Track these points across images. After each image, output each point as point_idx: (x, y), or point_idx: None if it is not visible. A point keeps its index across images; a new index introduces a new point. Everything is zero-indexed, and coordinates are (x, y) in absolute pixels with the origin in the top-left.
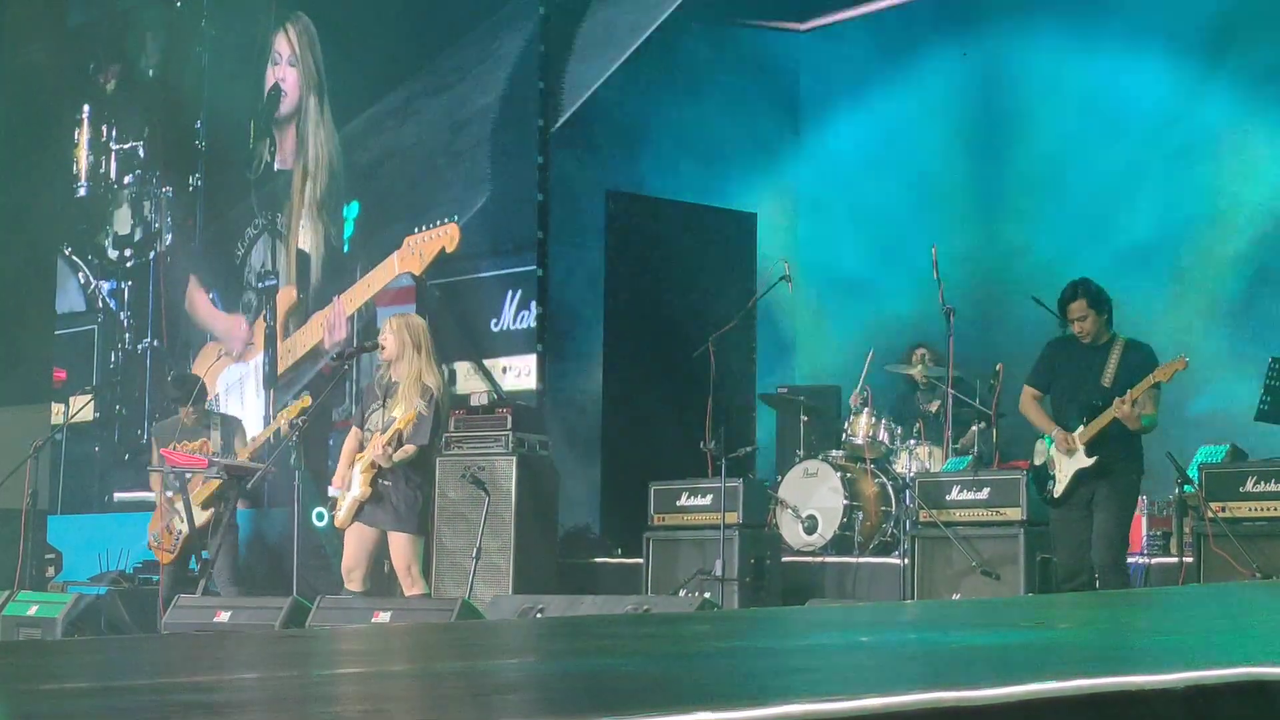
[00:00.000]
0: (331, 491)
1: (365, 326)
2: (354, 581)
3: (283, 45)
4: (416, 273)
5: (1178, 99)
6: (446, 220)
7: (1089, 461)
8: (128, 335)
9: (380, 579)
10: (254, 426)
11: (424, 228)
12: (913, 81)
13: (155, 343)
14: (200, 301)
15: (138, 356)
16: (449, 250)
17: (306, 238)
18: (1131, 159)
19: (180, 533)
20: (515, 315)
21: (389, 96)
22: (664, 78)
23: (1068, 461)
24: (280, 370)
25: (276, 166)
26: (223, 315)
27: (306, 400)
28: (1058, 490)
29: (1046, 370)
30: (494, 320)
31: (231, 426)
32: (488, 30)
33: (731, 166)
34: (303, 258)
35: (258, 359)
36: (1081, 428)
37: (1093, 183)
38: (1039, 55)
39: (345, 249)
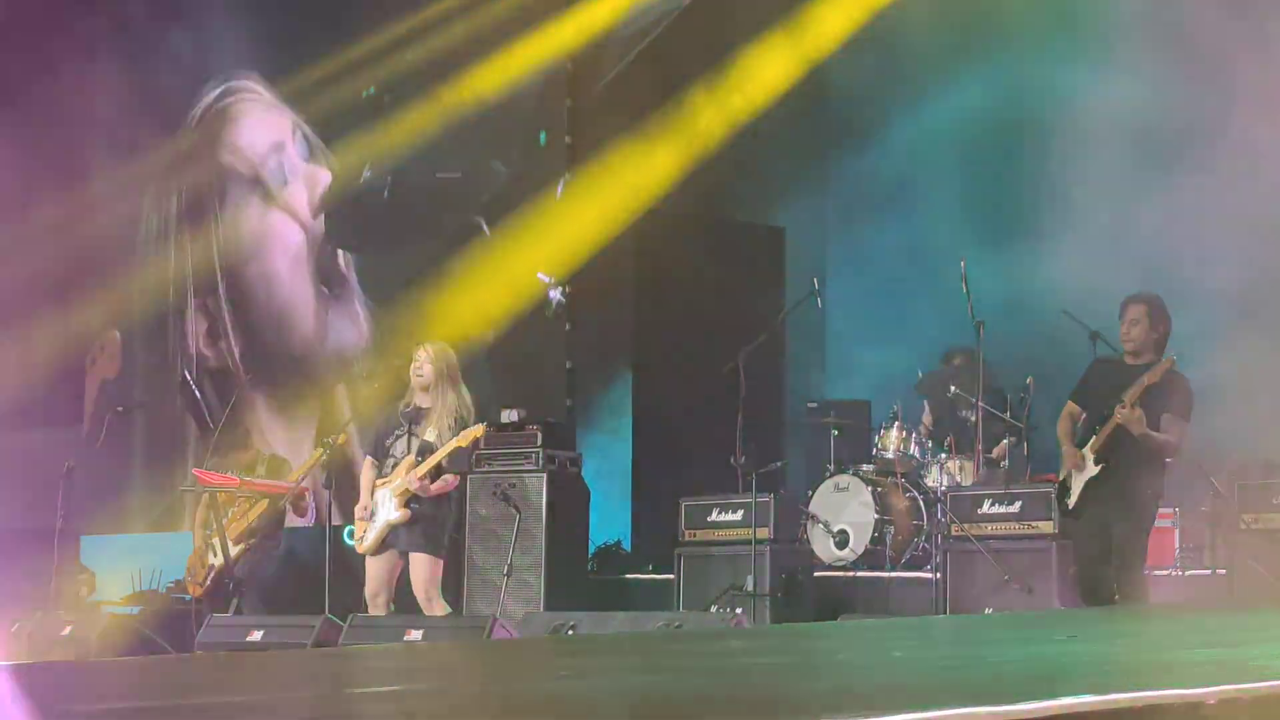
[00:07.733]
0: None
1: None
2: (378, 607)
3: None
4: None
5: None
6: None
7: (1095, 469)
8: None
9: (406, 602)
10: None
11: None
12: (942, 96)
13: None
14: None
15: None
16: None
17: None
18: (1160, 174)
19: (212, 566)
20: None
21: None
22: None
23: (1078, 474)
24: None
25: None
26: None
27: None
28: (1071, 501)
29: (1082, 387)
30: None
31: (278, 466)
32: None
33: (762, 180)
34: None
35: None
36: (1092, 438)
37: (1122, 196)
38: (1066, 71)
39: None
